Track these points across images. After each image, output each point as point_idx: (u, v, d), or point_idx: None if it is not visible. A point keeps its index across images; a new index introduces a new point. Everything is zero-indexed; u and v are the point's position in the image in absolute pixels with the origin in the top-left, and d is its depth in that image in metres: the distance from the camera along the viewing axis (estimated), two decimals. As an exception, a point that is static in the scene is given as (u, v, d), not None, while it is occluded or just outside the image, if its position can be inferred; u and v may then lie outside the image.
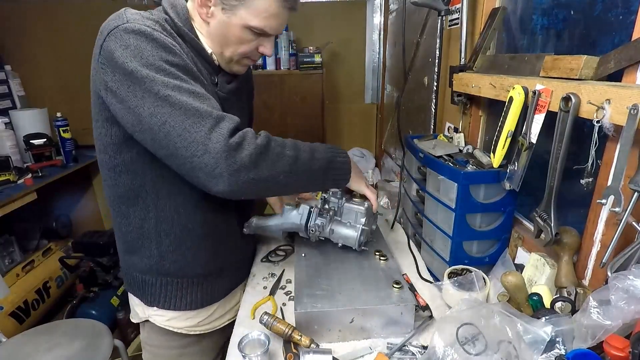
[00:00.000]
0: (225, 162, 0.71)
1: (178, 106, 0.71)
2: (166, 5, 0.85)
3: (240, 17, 0.81)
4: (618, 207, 0.65)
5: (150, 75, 0.71)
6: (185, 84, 0.74)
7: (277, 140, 0.81)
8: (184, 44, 0.83)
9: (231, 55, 0.88)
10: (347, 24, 2.70)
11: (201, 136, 0.71)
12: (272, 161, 0.78)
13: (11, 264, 2.07)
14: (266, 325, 0.84)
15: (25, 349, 1.40)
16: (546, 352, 0.66)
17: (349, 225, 1.05)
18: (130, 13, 0.77)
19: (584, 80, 0.74)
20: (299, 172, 0.83)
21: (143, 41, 0.72)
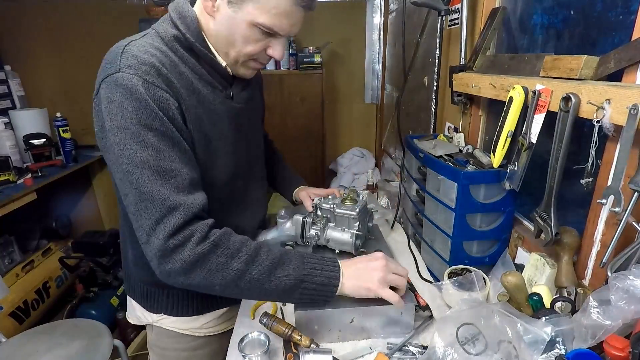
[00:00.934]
0: (158, 262, 0.70)
1: (135, 186, 0.70)
2: (174, 16, 0.78)
3: (247, 12, 0.73)
4: (618, 207, 0.65)
5: (121, 143, 0.69)
6: (153, 158, 0.70)
7: (229, 248, 0.73)
8: (194, 61, 0.80)
9: (236, 56, 0.81)
10: (347, 24, 2.69)
11: (148, 225, 0.70)
12: (208, 271, 0.71)
13: (11, 264, 2.07)
14: (266, 326, 0.84)
15: (25, 349, 1.40)
16: (546, 352, 0.66)
17: (343, 231, 1.05)
18: (128, 57, 0.72)
19: (584, 80, 0.74)
20: (244, 290, 0.74)
21: (127, 99, 0.69)
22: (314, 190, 1.21)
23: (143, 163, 0.69)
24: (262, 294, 0.77)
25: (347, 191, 1.11)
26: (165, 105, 0.72)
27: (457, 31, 1.26)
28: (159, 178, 0.70)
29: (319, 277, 0.77)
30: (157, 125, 0.71)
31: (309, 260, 0.78)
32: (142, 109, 0.69)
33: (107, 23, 2.65)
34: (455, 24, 1.34)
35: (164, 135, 0.72)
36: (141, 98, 0.69)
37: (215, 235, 0.72)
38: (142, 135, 0.69)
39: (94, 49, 2.75)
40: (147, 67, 0.71)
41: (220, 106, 0.85)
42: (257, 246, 0.77)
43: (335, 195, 1.13)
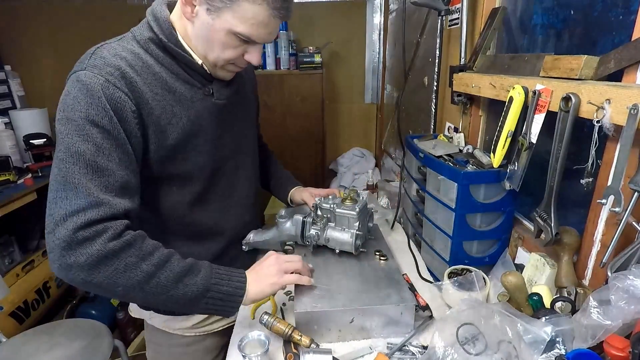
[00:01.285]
0: (60, 253, 0.66)
1: (62, 174, 0.68)
2: (150, 19, 0.81)
3: (225, 20, 0.75)
4: (618, 207, 0.65)
5: (65, 132, 0.70)
6: (90, 152, 0.69)
7: (141, 250, 0.72)
8: (170, 60, 0.81)
9: (215, 60, 0.82)
10: (347, 24, 2.69)
11: (60, 214, 0.67)
12: (115, 270, 0.68)
13: (11, 264, 2.06)
14: (266, 325, 0.84)
15: (25, 349, 1.40)
16: (546, 352, 0.66)
17: (343, 231, 1.05)
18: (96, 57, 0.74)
19: (584, 80, 0.74)
20: (148, 292, 0.72)
21: (83, 94, 0.70)
22: (314, 190, 1.21)
23: (79, 155, 0.69)
24: (166, 301, 0.75)
25: (347, 191, 1.11)
26: (121, 106, 0.73)
27: (457, 31, 1.25)
28: (91, 173, 0.69)
29: (225, 286, 0.79)
30: (105, 124, 0.71)
31: (217, 271, 0.80)
32: (94, 105, 0.70)
33: (107, 23, 2.64)
34: (455, 24, 1.34)
35: (110, 134, 0.71)
36: (95, 95, 0.70)
37: (129, 235, 0.71)
38: (87, 129, 0.70)
39: (94, 49, 2.77)
40: (111, 68, 0.73)
41: (199, 103, 0.85)
42: (170, 253, 0.76)
43: (335, 195, 1.13)
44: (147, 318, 1.04)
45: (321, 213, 1.08)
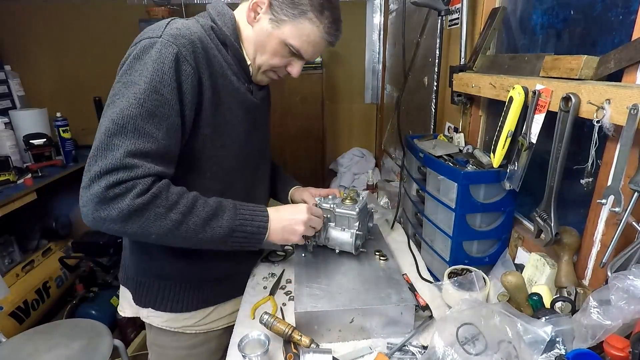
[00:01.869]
0: (94, 207, 0.70)
1: (109, 133, 0.71)
2: (213, 12, 0.88)
3: (283, 32, 0.84)
4: (618, 207, 0.65)
5: (124, 94, 0.72)
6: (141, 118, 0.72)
7: (167, 199, 0.75)
8: (225, 52, 0.87)
9: (261, 63, 0.90)
10: (347, 24, 2.67)
11: (96, 171, 0.70)
12: (146, 220, 0.73)
13: (11, 264, 2.07)
14: (266, 325, 0.84)
15: (25, 349, 1.40)
16: (546, 352, 0.66)
17: (343, 231, 1.05)
18: (172, 27, 0.78)
19: (584, 80, 0.74)
20: (179, 237, 0.78)
21: (153, 61, 0.74)
22: (314, 190, 1.22)
23: (130, 117, 0.71)
24: (196, 242, 0.81)
25: (347, 191, 1.11)
26: (185, 78, 0.77)
27: (457, 31, 1.26)
28: (135, 137, 0.71)
29: (249, 227, 0.85)
30: (166, 92, 0.74)
31: (241, 211, 0.85)
32: (160, 74, 0.73)
33: (107, 23, 2.65)
34: (455, 24, 1.34)
35: (167, 103, 0.75)
36: (166, 65, 0.74)
37: (155, 188, 0.74)
38: (146, 95, 0.72)
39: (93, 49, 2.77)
40: (185, 40, 0.77)
41: (242, 96, 0.91)
42: (195, 198, 0.80)
43: (335, 195, 1.13)
44: (143, 317, 1.02)
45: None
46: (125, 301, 1.07)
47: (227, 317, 1.08)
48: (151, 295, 0.97)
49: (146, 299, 0.98)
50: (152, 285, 0.96)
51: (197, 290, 0.99)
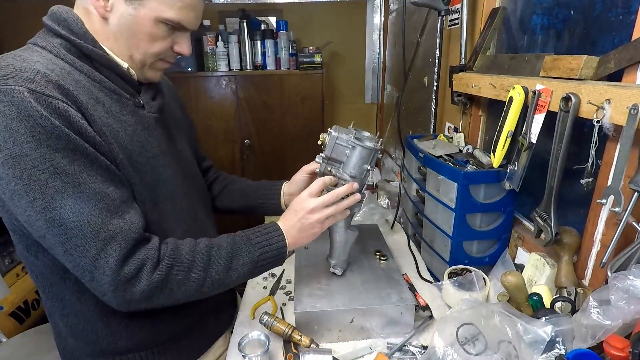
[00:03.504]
0: (113, 295, 0.63)
1: (57, 224, 0.58)
2: (51, 24, 0.67)
3: (150, 8, 0.66)
4: (618, 207, 0.65)
5: (22, 175, 0.56)
6: (70, 184, 0.58)
7: (183, 263, 0.69)
8: (90, 67, 0.68)
9: (142, 57, 0.72)
10: (347, 24, 2.69)
11: (87, 263, 0.61)
12: (170, 291, 0.68)
13: (11, 264, 2.06)
14: (266, 325, 0.85)
15: (25, 349, 1.40)
16: (546, 352, 0.66)
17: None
18: (1, 66, 0.58)
19: (584, 80, 0.74)
20: (209, 291, 0.73)
21: (14, 118, 0.55)
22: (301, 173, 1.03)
23: (60, 193, 0.58)
24: (224, 288, 0.76)
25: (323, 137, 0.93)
26: (67, 117, 0.59)
27: (457, 31, 1.26)
28: (85, 206, 0.60)
29: (269, 252, 0.79)
30: (64, 144, 0.58)
31: (256, 241, 0.78)
32: (39, 127, 0.56)
33: (107, 23, 2.64)
34: (455, 24, 1.34)
35: (76, 153, 0.59)
36: (34, 114, 0.55)
37: (167, 257, 0.68)
38: (48, 159, 0.57)
39: (94, 49, 2.76)
40: (30, 73, 0.58)
41: (130, 117, 0.72)
42: (208, 247, 0.74)
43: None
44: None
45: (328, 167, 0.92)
46: None
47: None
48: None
49: None
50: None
51: (168, 352, 0.83)
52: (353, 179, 0.87)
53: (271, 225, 0.81)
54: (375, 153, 0.89)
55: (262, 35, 2.24)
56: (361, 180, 0.90)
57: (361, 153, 0.86)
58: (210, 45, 2.22)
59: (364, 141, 0.87)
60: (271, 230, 0.80)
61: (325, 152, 0.88)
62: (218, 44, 2.21)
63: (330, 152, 0.87)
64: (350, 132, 0.88)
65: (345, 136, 0.86)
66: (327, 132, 0.88)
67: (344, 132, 0.87)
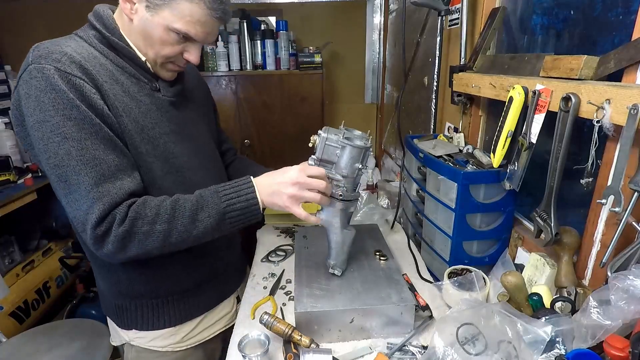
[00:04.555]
0: (95, 248, 0.75)
1: (62, 179, 0.72)
2: (92, 19, 0.82)
3: (163, 17, 0.77)
4: (618, 207, 0.65)
5: (44, 137, 0.71)
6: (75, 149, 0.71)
7: (147, 216, 0.75)
8: (115, 55, 0.81)
9: (154, 57, 0.83)
10: (347, 24, 2.69)
11: (80, 216, 0.73)
12: (139, 241, 0.76)
13: (11, 264, 2.06)
14: (266, 325, 0.84)
15: (25, 349, 1.40)
16: (546, 352, 0.66)
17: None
18: (38, 49, 0.73)
19: (584, 80, 0.74)
20: (177, 242, 0.79)
21: (42, 90, 0.70)
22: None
23: (67, 155, 0.71)
24: (196, 240, 0.80)
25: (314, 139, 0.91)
26: (81, 91, 0.72)
27: (457, 31, 1.25)
28: (83, 168, 0.71)
29: (238, 204, 0.81)
30: (76, 115, 0.71)
31: (224, 192, 0.82)
32: (58, 99, 0.70)
33: (107, 23, 2.64)
34: (455, 24, 1.34)
35: (84, 123, 0.72)
36: (56, 88, 0.70)
37: (132, 211, 0.75)
38: (62, 127, 0.70)
39: (94, 49, 2.76)
40: (58, 54, 0.72)
41: (146, 98, 0.84)
42: (174, 201, 0.79)
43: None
44: (130, 340, 0.97)
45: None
46: (113, 330, 1.02)
47: (218, 323, 1.04)
48: (131, 317, 0.93)
49: (128, 321, 0.94)
50: (129, 307, 0.93)
51: (177, 303, 0.94)
52: (345, 179, 0.88)
53: (244, 178, 0.85)
54: (366, 151, 0.89)
55: (262, 35, 2.24)
56: (354, 180, 0.90)
57: (351, 152, 0.86)
58: (210, 45, 2.23)
59: (354, 140, 0.87)
60: (241, 183, 0.84)
61: (317, 154, 0.88)
62: (218, 44, 2.21)
63: (321, 154, 0.87)
64: (340, 132, 0.88)
65: (335, 136, 0.87)
66: (317, 134, 0.88)
67: (333, 132, 0.88)
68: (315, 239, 1.17)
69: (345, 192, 0.88)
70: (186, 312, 0.96)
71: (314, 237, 1.18)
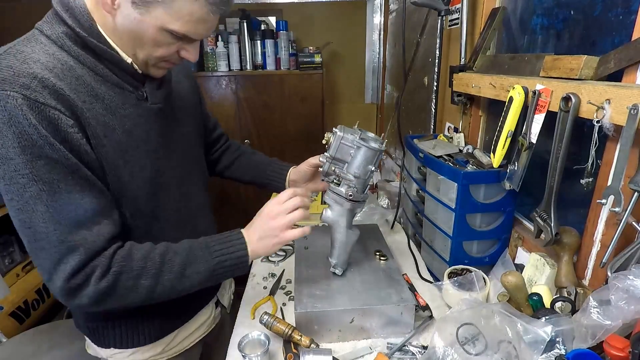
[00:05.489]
0: (65, 299, 0.67)
1: (27, 225, 0.62)
2: (60, 9, 0.66)
3: (156, 17, 0.65)
4: (618, 207, 0.65)
5: (6, 176, 0.60)
6: (45, 192, 0.61)
7: (132, 270, 0.69)
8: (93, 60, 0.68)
9: (145, 58, 0.72)
10: (347, 24, 2.69)
11: (47, 265, 0.64)
12: (120, 297, 0.69)
13: (11, 264, 2.06)
14: (266, 325, 0.85)
15: (25, 349, 1.40)
16: (546, 352, 0.66)
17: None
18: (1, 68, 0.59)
19: (584, 80, 0.74)
20: (159, 296, 0.73)
21: (5, 123, 0.58)
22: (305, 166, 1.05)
23: (34, 199, 0.61)
24: (178, 294, 0.75)
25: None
26: (56, 125, 0.61)
27: (457, 31, 1.25)
28: (55, 215, 0.62)
29: (227, 261, 0.77)
30: (48, 152, 0.60)
31: (214, 248, 0.77)
32: (25, 135, 0.58)
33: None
34: (455, 24, 1.34)
35: (57, 163, 0.61)
36: (24, 122, 0.58)
37: (116, 264, 0.68)
38: (29, 166, 0.60)
39: (94, 49, 2.76)
40: (26, 79, 0.59)
41: (132, 110, 0.74)
42: (162, 253, 0.73)
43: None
44: (107, 356, 0.90)
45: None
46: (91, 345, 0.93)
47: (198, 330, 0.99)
48: (108, 337, 0.87)
49: (106, 340, 0.88)
50: (105, 327, 0.86)
51: (153, 320, 0.88)
52: (357, 179, 0.88)
53: (234, 232, 0.80)
54: (380, 154, 0.89)
55: (262, 35, 2.25)
56: (365, 181, 0.90)
57: (366, 154, 0.86)
58: (210, 45, 2.23)
59: (369, 142, 0.87)
60: (233, 238, 0.79)
61: (330, 151, 0.88)
62: (218, 44, 2.21)
63: (335, 152, 0.87)
64: (356, 133, 0.88)
65: (351, 136, 0.86)
66: (332, 132, 0.87)
67: (349, 132, 0.88)
68: (316, 239, 1.17)
69: (355, 192, 0.89)
70: (164, 326, 0.90)
71: (314, 237, 1.18)
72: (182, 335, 0.95)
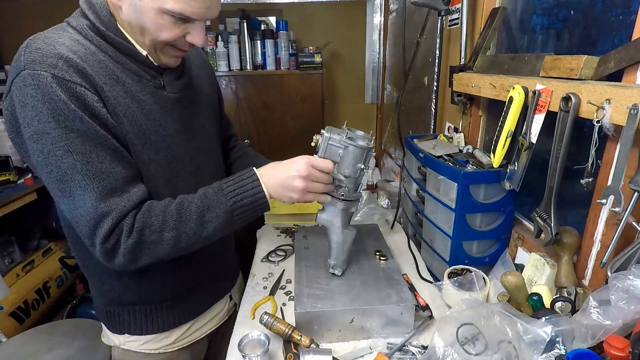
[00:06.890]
0: (107, 262, 0.74)
1: (67, 194, 0.68)
2: (84, 6, 0.73)
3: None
4: (618, 207, 0.65)
5: (44, 150, 0.66)
6: (80, 162, 0.66)
7: (153, 225, 0.73)
8: (114, 50, 0.74)
9: (151, 43, 0.75)
10: (347, 24, 2.69)
11: (87, 232, 0.70)
12: (149, 251, 0.74)
13: (11, 264, 2.06)
14: (266, 325, 0.85)
15: (25, 349, 1.40)
16: (546, 352, 0.66)
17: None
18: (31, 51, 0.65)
19: (584, 80, 0.74)
20: (188, 246, 0.77)
21: (40, 100, 0.63)
22: None
23: (71, 169, 0.66)
24: (207, 240, 0.78)
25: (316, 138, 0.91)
26: (83, 100, 0.66)
27: (457, 31, 1.25)
28: (90, 183, 0.68)
29: (244, 199, 0.79)
30: (79, 126, 0.66)
31: (228, 189, 0.79)
32: (58, 110, 0.64)
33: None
34: (455, 24, 1.34)
35: (88, 135, 0.67)
36: (55, 97, 0.64)
37: (139, 221, 0.72)
38: (64, 139, 0.65)
39: (94, 49, 2.76)
40: (53, 59, 0.65)
41: (149, 97, 0.78)
42: (178, 206, 0.76)
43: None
44: (120, 344, 0.94)
45: None
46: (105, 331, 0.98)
47: (210, 323, 1.02)
48: (124, 322, 0.91)
49: (120, 326, 0.91)
50: (121, 313, 0.90)
51: (170, 309, 0.92)
52: (347, 179, 0.88)
53: (247, 171, 0.81)
54: (369, 152, 0.89)
55: (262, 35, 2.25)
56: (356, 180, 0.90)
57: (354, 152, 0.86)
58: (210, 45, 2.23)
59: (357, 140, 0.87)
60: (245, 177, 0.80)
61: (319, 153, 0.88)
62: (218, 44, 2.21)
63: (323, 153, 0.87)
64: (343, 132, 0.88)
65: (338, 136, 0.86)
66: (320, 134, 0.88)
67: (336, 132, 0.87)
68: (315, 239, 1.17)
69: (347, 192, 0.88)
70: (179, 316, 0.94)
71: (314, 237, 1.18)
72: (195, 327, 0.98)
